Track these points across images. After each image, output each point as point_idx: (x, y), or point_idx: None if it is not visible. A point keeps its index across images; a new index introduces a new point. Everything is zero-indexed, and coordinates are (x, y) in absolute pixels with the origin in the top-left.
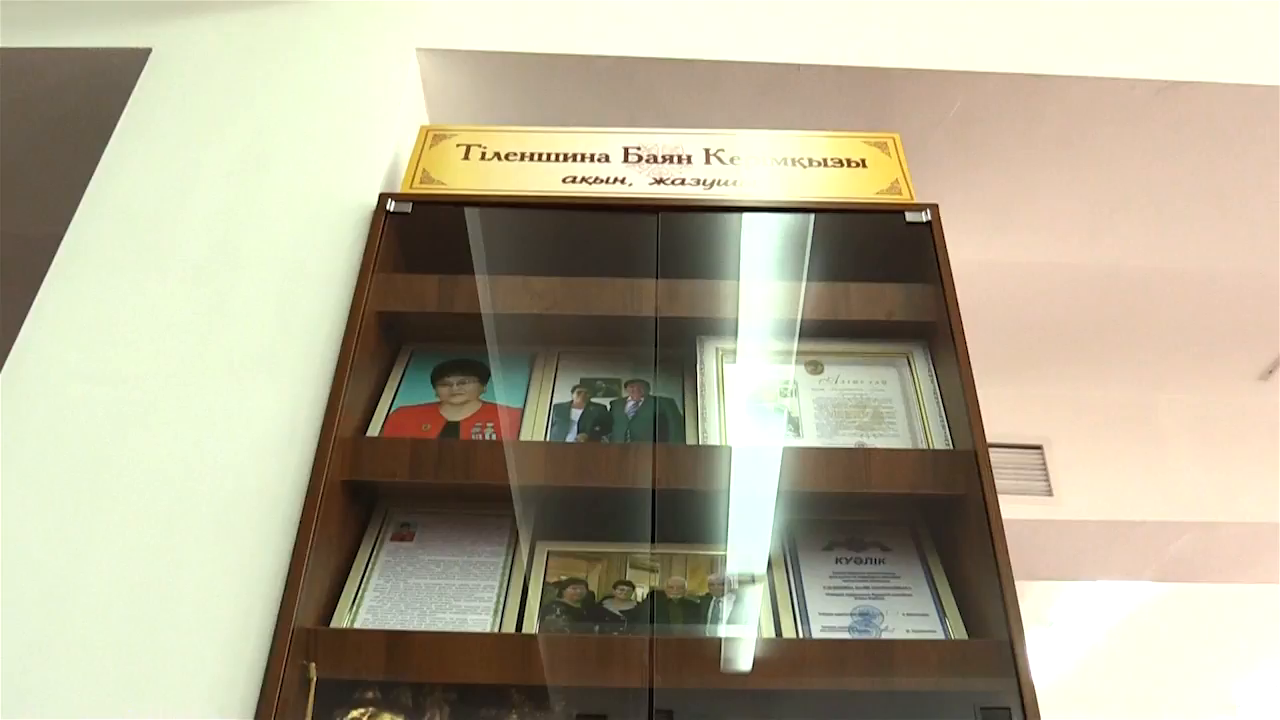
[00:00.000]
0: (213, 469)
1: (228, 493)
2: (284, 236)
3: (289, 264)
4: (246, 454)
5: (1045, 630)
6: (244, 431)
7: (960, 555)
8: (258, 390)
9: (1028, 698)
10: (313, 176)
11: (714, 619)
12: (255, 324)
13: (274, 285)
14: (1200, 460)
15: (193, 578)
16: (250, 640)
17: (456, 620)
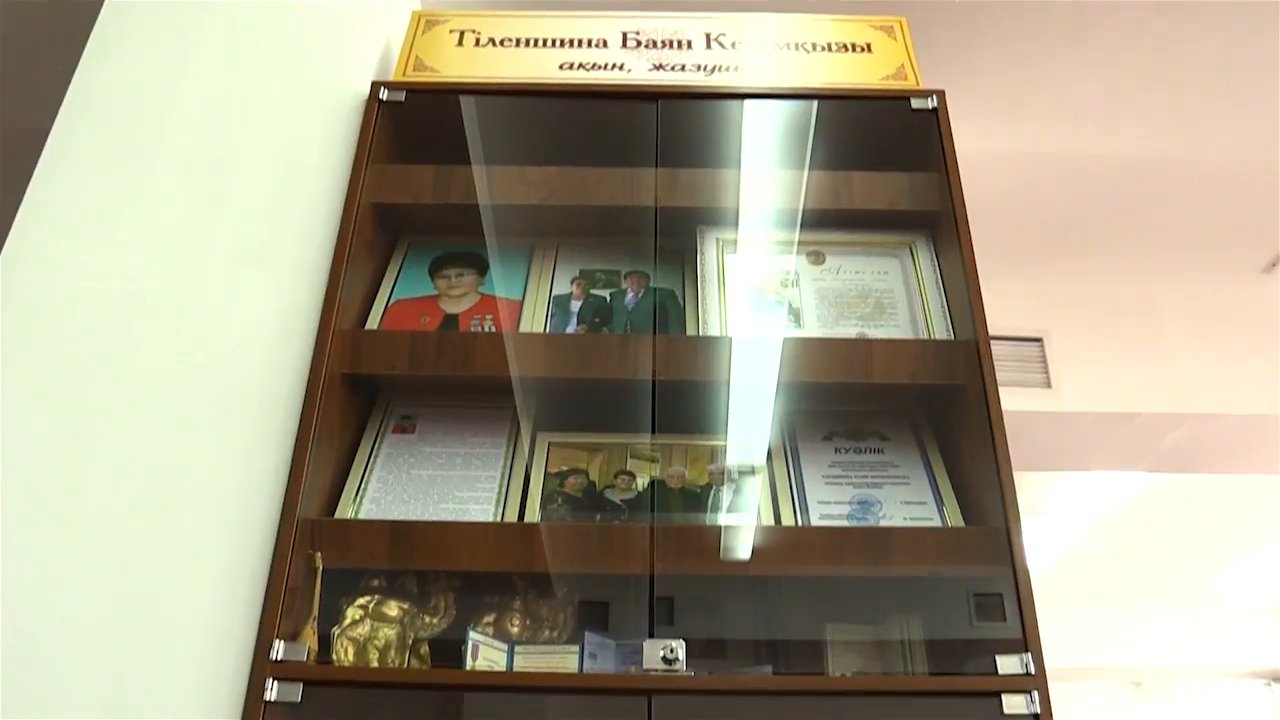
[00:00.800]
0: (212, 364)
1: (227, 387)
2: (275, 128)
3: (281, 156)
4: (245, 348)
5: (1039, 520)
6: (242, 326)
7: (959, 445)
8: (254, 284)
9: (1022, 585)
10: (303, 65)
11: (714, 508)
12: (249, 217)
13: (267, 178)
14: (1199, 352)
15: (196, 472)
16: (255, 532)
17: (459, 510)
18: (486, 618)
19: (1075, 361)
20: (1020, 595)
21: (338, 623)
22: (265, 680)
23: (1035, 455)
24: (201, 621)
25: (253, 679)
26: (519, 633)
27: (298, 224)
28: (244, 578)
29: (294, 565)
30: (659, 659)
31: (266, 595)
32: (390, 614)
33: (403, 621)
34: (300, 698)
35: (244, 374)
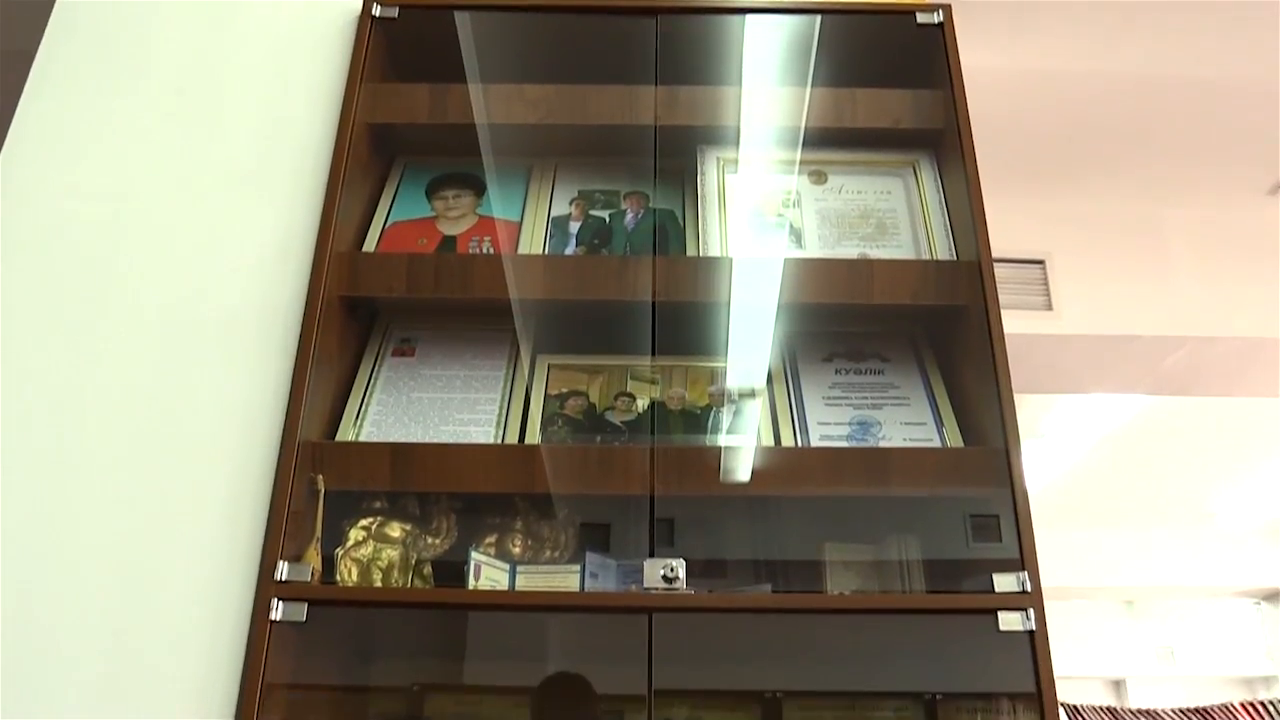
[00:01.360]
0: (208, 287)
1: (225, 311)
2: (266, 47)
3: (273, 75)
4: (241, 271)
5: (1037, 442)
6: (237, 248)
7: (959, 366)
8: (249, 206)
9: (1020, 505)
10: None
11: (714, 429)
12: (242, 138)
13: (259, 98)
14: (1202, 275)
15: (195, 396)
16: (257, 455)
17: (459, 432)
18: (488, 539)
19: (1077, 284)
20: (1018, 515)
21: (341, 544)
22: (270, 600)
23: (1035, 378)
24: (207, 545)
25: (258, 599)
26: (521, 553)
27: (291, 145)
28: (247, 501)
29: (296, 488)
30: (659, 578)
31: (269, 517)
32: (393, 535)
33: (405, 543)
34: (305, 617)
35: (241, 297)
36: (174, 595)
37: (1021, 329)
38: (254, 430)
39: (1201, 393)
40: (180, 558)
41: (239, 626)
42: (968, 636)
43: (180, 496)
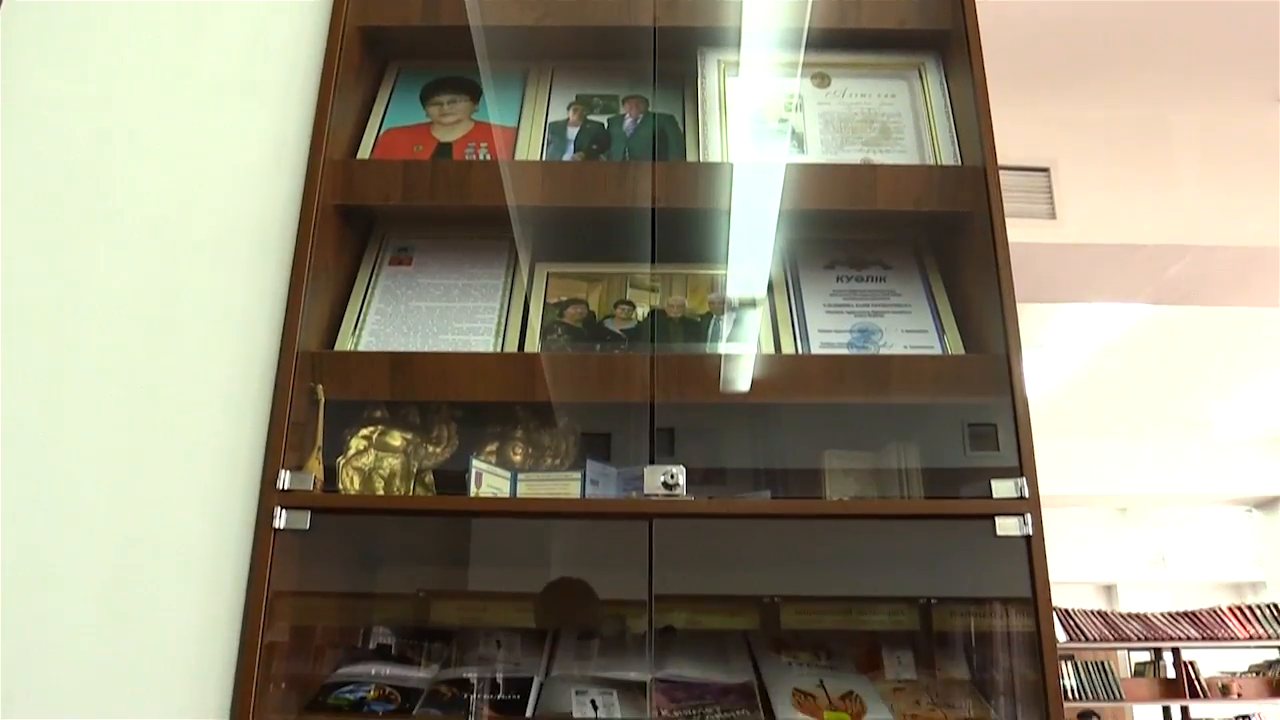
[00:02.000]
0: (200, 198)
1: (219, 221)
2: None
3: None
4: (234, 180)
5: (1037, 352)
6: (230, 157)
7: (962, 273)
8: (240, 114)
9: (1020, 412)
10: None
11: (714, 337)
12: (232, 43)
13: (248, 1)
14: (1207, 182)
15: (191, 307)
16: (256, 366)
17: (459, 341)
18: (489, 447)
19: (1081, 192)
20: (1018, 422)
21: (342, 453)
22: (273, 509)
23: (1036, 287)
24: (208, 456)
25: (261, 508)
26: (521, 461)
27: (282, 49)
28: (247, 411)
29: (296, 397)
30: (659, 484)
31: (270, 427)
32: (394, 444)
33: (406, 451)
34: (308, 525)
35: (234, 207)
36: (177, 506)
37: (1024, 238)
38: (252, 341)
39: (1203, 302)
40: (182, 469)
41: (243, 536)
42: (964, 542)
43: (179, 409)
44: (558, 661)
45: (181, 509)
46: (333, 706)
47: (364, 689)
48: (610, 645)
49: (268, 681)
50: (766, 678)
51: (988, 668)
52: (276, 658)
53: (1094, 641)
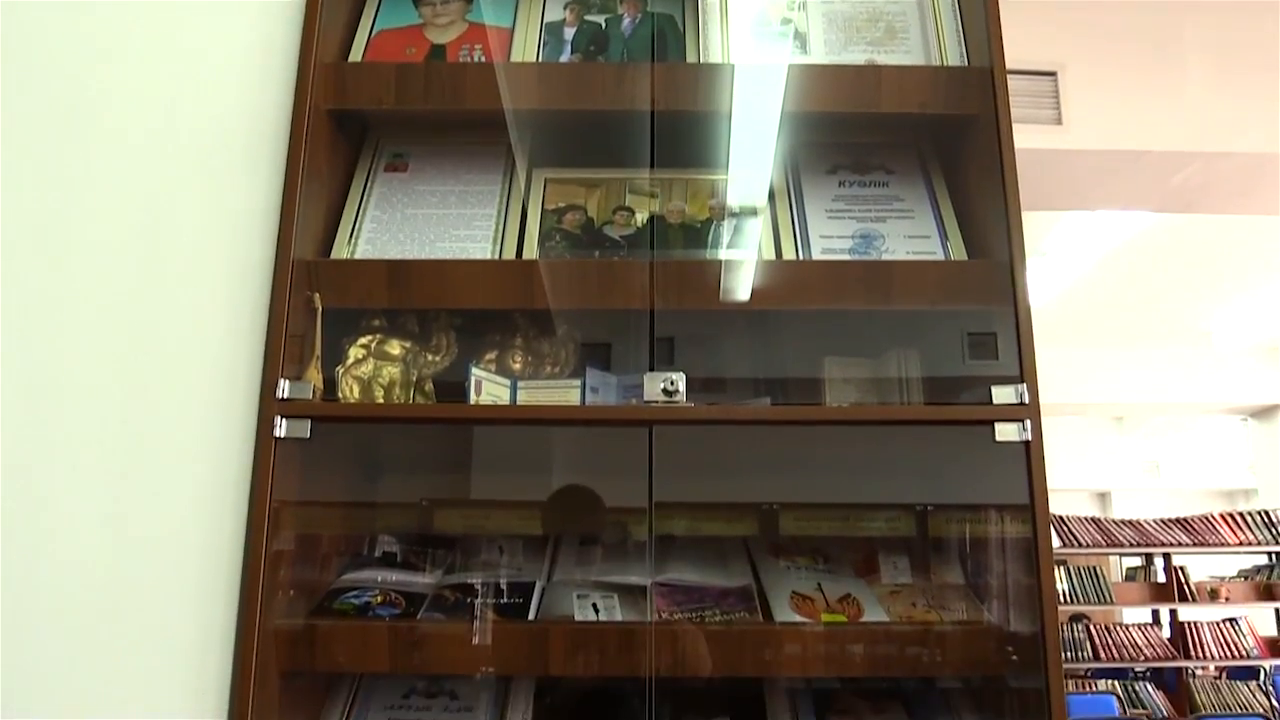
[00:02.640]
0: (190, 105)
1: (209, 129)
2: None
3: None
4: (223, 84)
5: (1039, 260)
6: (219, 62)
7: (966, 178)
8: (229, 17)
9: (1022, 318)
10: None
11: (714, 243)
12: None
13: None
14: (1216, 88)
15: (183, 217)
16: (251, 274)
17: (456, 249)
18: (488, 355)
19: (1088, 96)
20: (1020, 328)
21: (341, 362)
22: (273, 418)
23: (1040, 194)
24: (207, 367)
25: (261, 417)
26: (521, 369)
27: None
28: (244, 322)
29: (293, 306)
30: (659, 391)
31: (268, 336)
32: (393, 353)
33: (405, 360)
34: (309, 434)
35: (223, 113)
36: (176, 419)
37: (1030, 144)
38: (247, 250)
39: (1207, 210)
40: (180, 381)
41: (244, 446)
42: (962, 450)
43: (175, 322)
44: (559, 567)
45: (181, 422)
46: (338, 611)
47: (368, 594)
48: (611, 551)
49: (275, 589)
50: (765, 581)
51: (982, 573)
52: (282, 566)
53: (1087, 547)
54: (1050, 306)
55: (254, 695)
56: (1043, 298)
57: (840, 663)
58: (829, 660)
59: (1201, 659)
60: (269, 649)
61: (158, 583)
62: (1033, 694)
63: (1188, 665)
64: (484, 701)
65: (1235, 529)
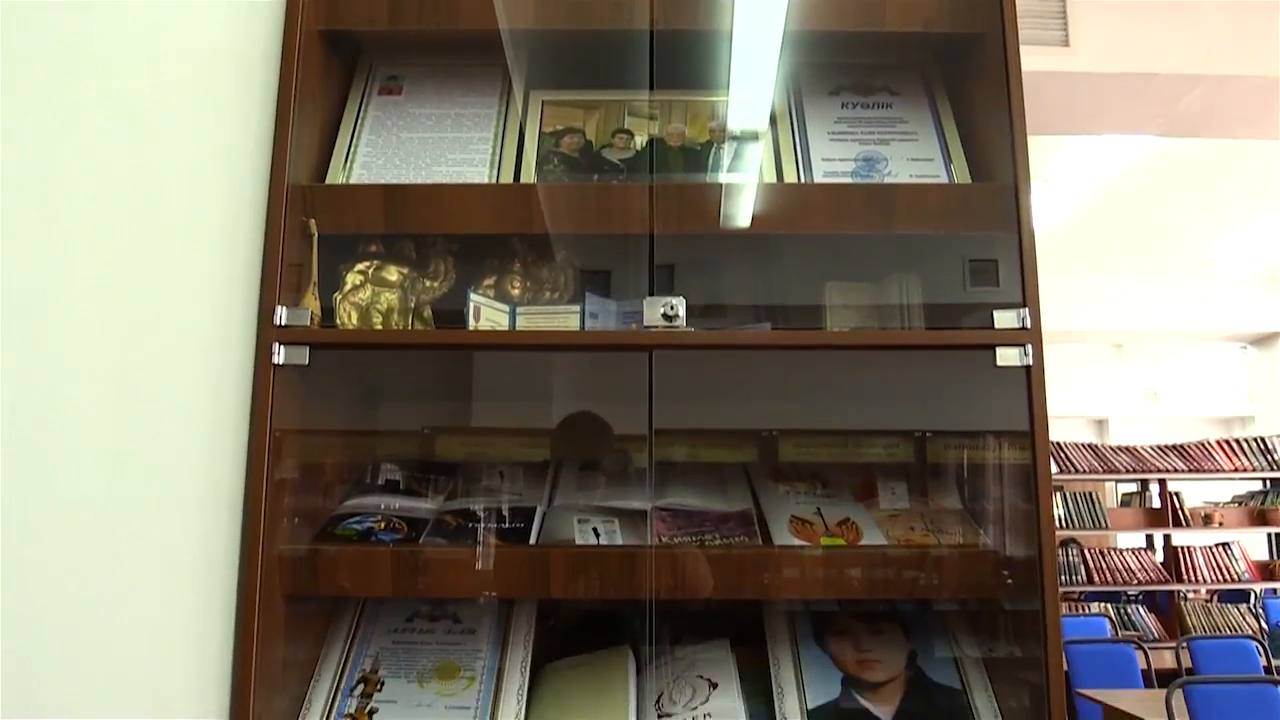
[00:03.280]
0: (178, 29)
1: (198, 53)
2: None
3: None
4: (214, 7)
5: (1042, 185)
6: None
7: (971, 100)
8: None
9: (1025, 242)
10: None
11: (714, 166)
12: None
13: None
14: (1225, 9)
15: (175, 143)
16: (246, 201)
17: (453, 173)
18: (487, 281)
19: (1096, 18)
20: (1023, 252)
21: (338, 289)
22: (271, 345)
23: (1045, 118)
24: (204, 294)
25: (259, 344)
26: (520, 294)
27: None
28: (240, 248)
29: (288, 232)
30: (659, 316)
31: (264, 263)
32: (390, 279)
33: (403, 286)
34: (308, 360)
35: (212, 37)
36: (174, 347)
37: (1036, 66)
38: (240, 175)
39: (1213, 134)
40: (177, 310)
41: (243, 373)
42: (962, 376)
43: (170, 249)
44: (560, 492)
45: (179, 350)
46: (341, 537)
47: (371, 519)
48: (612, 477)
49: (278, 516)
50: (765, 506)
51: (980, 498)
52: (284, 493)
53: (1083, 474)
54: (1052, 234)
55: (259, 619)
56: (1044, 225)
57: (839, 586)
58: (827, 583)
59: (1193, 582)
60: (273, 574)
61: (160, 511)
62: (1028, 616)
63: (1179, 588)
64: (486, 625)
65: (1231, 455)
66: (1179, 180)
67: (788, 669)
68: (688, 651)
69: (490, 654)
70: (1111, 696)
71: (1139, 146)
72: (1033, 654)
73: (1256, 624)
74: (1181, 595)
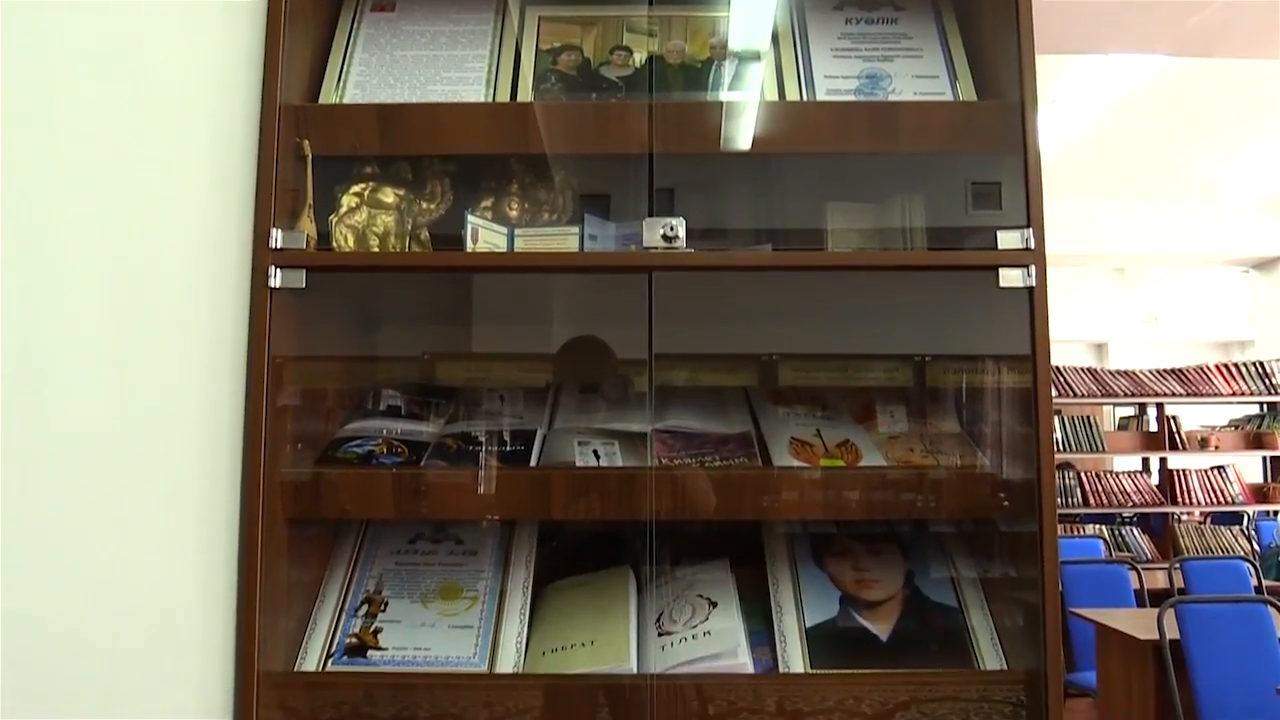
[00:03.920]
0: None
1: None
2: None
3: None
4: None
5: (1047, 107)
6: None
7: (978, 15)
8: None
9: (1031, 161)
10: None
11: (715, 84)
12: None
13: None
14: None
15: (165, 62)
16: (238, 122)
17: (448, 92)
18: (484, 203)
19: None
20: (1028, 171)
21: (334, 212)
22: (268, 268)
23: (1053, 36)
24: (198, 219)
25: (256, 267)
26: (518, 216)
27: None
28: (233, 170)
29: (282, 153)
30: (659, 237)
31: (258, 185)
32: (386, 201)
33: (399, 208)
34: (305, 283)
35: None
36: (170, 272)
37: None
38: (231, 96)
39: (1222, 54)
40: (171, 234)
41: (240, 297)
42: (962, 299)
43: (162, 170)
44: (560, 416)
45: (174, 276)
46: (342, 460)
47: (371, 443)
48: (612, 401)
49: (279, 440)
50: (765, 428)
51: (978, 421)
52: (285, 418)
53: (1082, 397)
54: (1055, 156)
55: (262, 542)
56: (1049, 147)
57: (838, 507)
58: (826, 505)
59: (1188, 505)
60: (275, 497)
61: (161, 436)
62: (1025, 537)
63: (1174, 511)
64: (488, 546)
65: (1229, 379)
66: (1187, 101)
67: (786, 588)
68: (687, 572)
69: (492, 575)
70: (1104, 615)
71: (1146, 68)
72: (1028, 574)
73: (1249, 545)
74: (1176, 518)
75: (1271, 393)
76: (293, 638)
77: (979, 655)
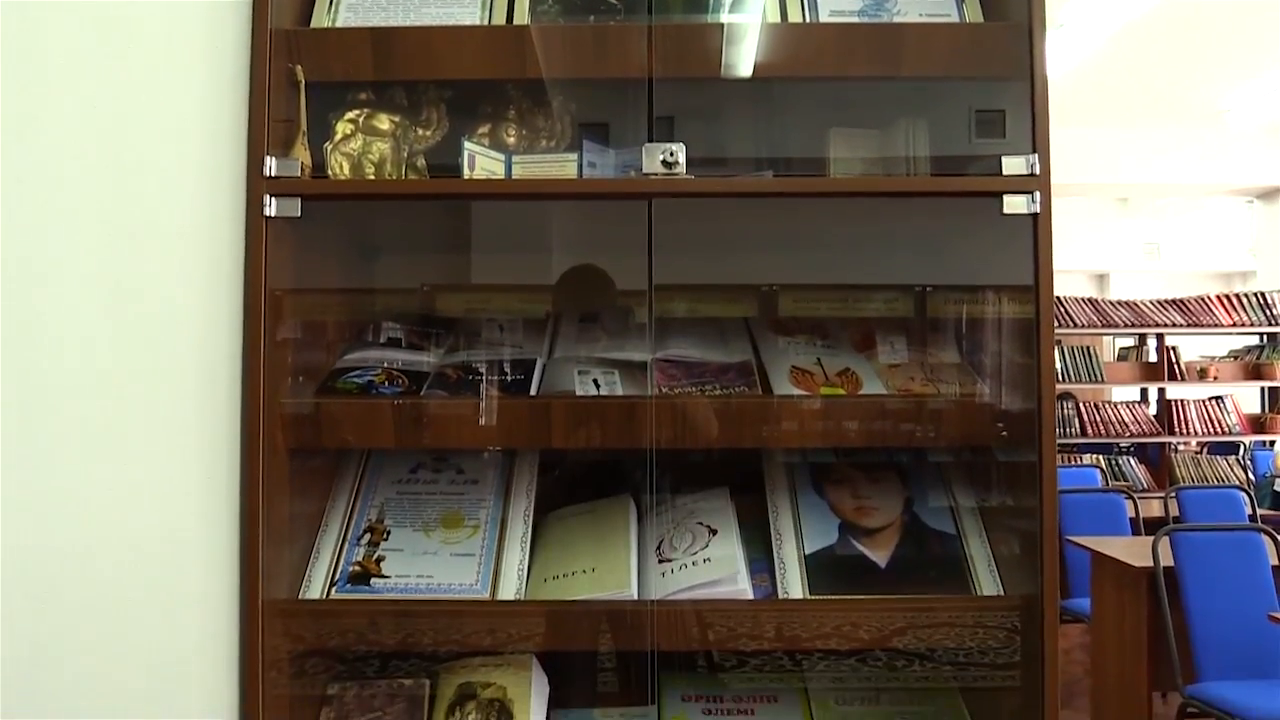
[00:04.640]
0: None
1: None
2: None
3: None
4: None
5: (1055, 32)
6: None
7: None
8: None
9: (1038, 85)
10: None
11: (715, 6)
12: None
13: None
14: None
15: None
16: (228, 47)
17: (443, 14)
18: (481, 129)
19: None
20: (1035, 97)
21: (329, 139)
22: (263, 196)
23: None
24: (190, 149)
25: (250, 196)
26: (516, 143)
27: None
28: (225, 97)
29: (274, 80)
30: (659, 163)
31: (250, 112)
32: (382, 127)
33: (395, 135)
34: (300, 212)
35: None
36: (163, 202)
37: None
38: (221, 21)
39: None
40: (162, 163)
41: (235, 226)
42: (964, 228)
43: (154, 101)
44: (560, 345)
45: (168, 205)
46: (342, 390)
47: (371, 373)
48: (612, 330)
49: (277, 371)
50: (765, 357)
51: (978, 351)
52: (283, 349)
53: (1082, 328)
54: (1061, 83)
55: (264, 472)
56: (1054, 74)
57: (838, 435)
58: (826, 433)
59: (1184, 435)
60: (275, 428)
61: (159, 367)
62: (1024, 466)
63: (1171, 440)
64: (489, 475)
65: (1230, 310)
66: (1195, 29)
67: (786, 516)
68: (688, 500)
69: (494, 503)
70: (1100, 543)
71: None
72: (1026, 503)
73: (1244, 475)
74: (1172, 447)
75: (1272, 323)
76: (296, 567)
77: (976, 582)
